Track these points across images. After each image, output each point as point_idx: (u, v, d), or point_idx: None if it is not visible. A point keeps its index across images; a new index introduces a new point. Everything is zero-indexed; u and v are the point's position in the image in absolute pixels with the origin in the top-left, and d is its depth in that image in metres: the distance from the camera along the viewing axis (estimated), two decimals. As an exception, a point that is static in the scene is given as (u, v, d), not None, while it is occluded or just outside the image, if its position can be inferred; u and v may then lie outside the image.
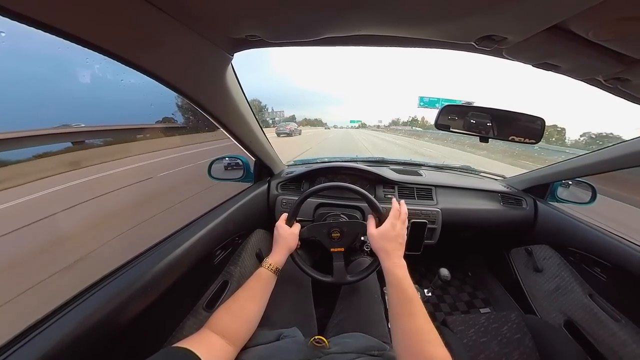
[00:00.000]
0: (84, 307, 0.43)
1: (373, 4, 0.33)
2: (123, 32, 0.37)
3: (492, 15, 0.33)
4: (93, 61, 0.58)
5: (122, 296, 0.47)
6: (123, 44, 0.39)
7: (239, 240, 0.93)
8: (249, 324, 0.52)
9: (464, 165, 1.48)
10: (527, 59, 0.45)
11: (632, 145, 0.75)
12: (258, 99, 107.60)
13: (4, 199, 3.15)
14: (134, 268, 0.53)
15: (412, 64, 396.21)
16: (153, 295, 0.52)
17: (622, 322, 0.79)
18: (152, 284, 0.52)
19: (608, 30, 0.32)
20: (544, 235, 1.12)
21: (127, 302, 0.47)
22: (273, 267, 0.61)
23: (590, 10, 0.29)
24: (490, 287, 1.41)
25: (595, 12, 0.29)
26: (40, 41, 8.25)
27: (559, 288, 1.01)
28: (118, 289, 0.47)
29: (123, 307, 0.46)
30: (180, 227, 0.71)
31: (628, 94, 0.51)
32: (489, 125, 0.73)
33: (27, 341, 0.36)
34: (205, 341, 0.43)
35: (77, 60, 1.34)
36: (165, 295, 0.55)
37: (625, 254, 0.78)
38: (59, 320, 0.40)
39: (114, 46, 0.38)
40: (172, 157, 6.81)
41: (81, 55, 0.50)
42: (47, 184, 3.83)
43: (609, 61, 0.39)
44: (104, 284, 0.48)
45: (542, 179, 1.15)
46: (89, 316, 0.42)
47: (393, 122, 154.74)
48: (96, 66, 0.90)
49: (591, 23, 0.32)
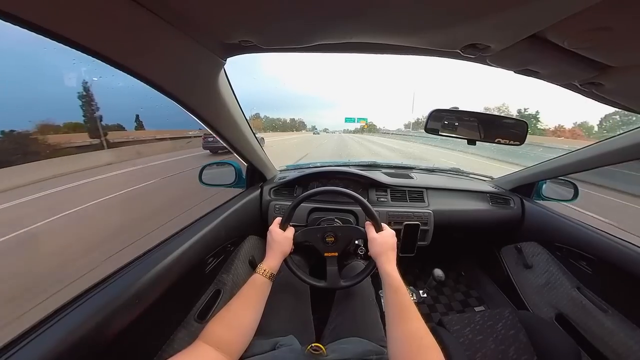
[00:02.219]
0: (65, 322, 0.40)
1: (364, 14, 0.34)
2: (114, 34, 0.37)
3: (476, 25, 0.35)
4: (81, 63, 0.57)
5: (108, 309, 0.44)
6: (114, 46, 0.38)
7: (231, 247, 0.92)
8: (245, 334, 0.51)
9: (453, 167, 1.52)
10: (509, 66, 0.47)
11: (608, 145, 0.80)
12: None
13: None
14: (120, 279, 0.50)
15: (403, 68, 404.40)
16: (141, 308, 0.50)
17: (608, 313, 0.82)
18: (140, 296, 0.50)
19: (582, 39, 0.35)
20: (532, 232, 1.16)
21: (113, 316, 0.45)
22: (268, 273, 0.60)
23: (565, 21, 0.31)
24: (483, 286, 1.44)
25: (570, 23, 0.31)
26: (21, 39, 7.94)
27: (549, 283, 1.05)
28: (103, 301, 0.45)
29: (108, 321, 0.44)
30: (170, 235, 0.69)
31: (601, 97, 0.55)
32: (475, 129, 0.76)
33: None
34: (199, 355, 0.42)
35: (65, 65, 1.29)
36: (154, 307, 0.52)
37: (607, 247, 0.82)
38: (38, 337, 0.37)
39: (104, 48, 0.37)
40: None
41: (69, 58, 0.48)
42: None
43: (583, 67, 0.42)
44: (87, 296, 0.45)
45: (527, 178, 1.19)
46: (71, 332, 0.39)
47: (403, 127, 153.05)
48: (83, 68, 0.88)
49: (566, 33, 0.34)
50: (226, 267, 0.89)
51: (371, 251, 0.64)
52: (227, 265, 0.89)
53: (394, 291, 0.52)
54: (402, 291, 0.52)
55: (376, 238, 0.63)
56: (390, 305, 0.51)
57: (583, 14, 0.29)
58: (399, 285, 0.53)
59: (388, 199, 1.15)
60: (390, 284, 0.54)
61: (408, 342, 0.44)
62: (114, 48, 0.38)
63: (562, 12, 0.29)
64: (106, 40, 0.36)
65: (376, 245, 0.63)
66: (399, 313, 0.49)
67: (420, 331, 0.45)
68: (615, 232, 0.84)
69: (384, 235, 0.64)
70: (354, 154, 12.45)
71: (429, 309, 1.36)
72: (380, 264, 0.60)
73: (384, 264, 0.59)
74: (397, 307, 0.50)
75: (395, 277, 0.55)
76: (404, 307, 0.49)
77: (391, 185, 1.17)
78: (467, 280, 1.54)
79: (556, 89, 0.56)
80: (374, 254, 0.63)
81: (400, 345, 0.45)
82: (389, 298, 0.53)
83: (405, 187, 1.18)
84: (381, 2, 0.32)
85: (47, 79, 43.67)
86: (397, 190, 1.17)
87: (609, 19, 0.30)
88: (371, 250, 0.64)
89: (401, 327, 0.47)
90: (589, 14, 0.29)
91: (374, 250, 0.63)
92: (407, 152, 14.59)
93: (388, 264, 0.58)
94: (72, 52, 0.36)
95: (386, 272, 0.57)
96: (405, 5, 0.32)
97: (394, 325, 0.48)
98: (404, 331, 0.46)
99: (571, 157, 0.95)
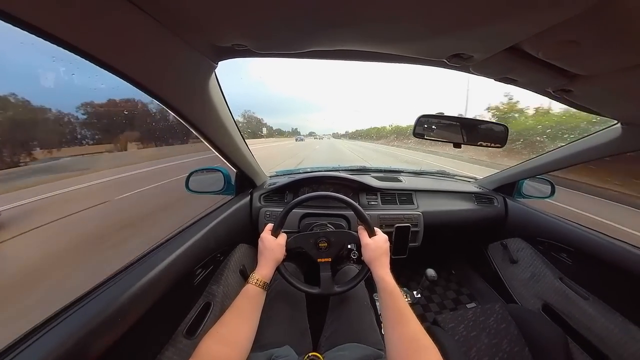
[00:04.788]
0: (42, 344, 0.37)
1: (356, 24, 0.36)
2: (102, 31, 0.35)
3: (460, 37, 0.37)
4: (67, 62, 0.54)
5: (85, 330, 0.41)
6: (101, 44, 0.36)
7: (221, 257, 0.88)
8: (242, 349, 0.49)
9: (439, 170, 1.58)
10: (491, 74, 0.51)
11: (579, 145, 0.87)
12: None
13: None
14: (100, 296, 0.47)
15: (394, 75, 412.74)
16: (124, 326, 0.46)
17: (589, 300, 0.87)
18: (122, 313, 0.46)
19: (553, 51, 0.38)
20: (515, 228, 1.22)
21: (91, 337, 0.41)
22: (261, 282, 0.58)
23: (539, 35, 0.34)
24: (473, 282, 1.49)
25: (543, 37, 0.34)
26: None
27: (534, 276, 1.10)
28: (82, 320, 0.41)
29: (87, 344, 0.40)
30: (155, 246, 0.65)
31: (572, 102, 0.60)
32: (460, 132, 0.79)
33: None
34: None
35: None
36: (138, 324, 0.49)
37: (584, 239, 0.88)
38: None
39: (90, 46, 0.35)
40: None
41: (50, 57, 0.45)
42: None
43: (555, 76, 0.46)
44: (65, 315, 0.41)
45: (508, 178, 1.26)
46: (49, 354, 0.36)
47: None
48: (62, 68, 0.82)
49: (540, 45, 0.37)
50: (216, 278, 0.85)
51: (365, 257, 0.65)
52: (217, 276, 0.86)
53: (389, 295, 0.53)
54: (396, 294, 0.53)
55: (369, 244, 0.64)
56: (386, 309, 0.52)
57: (554, 29, 0.32)
58: (393, 289, 0.54)
59: (379, 202, 1.16)
60: (385, 288, 0.55)
61: (406, 345, 0.44)
62: (100, 46, 0.36)
63: (535, 27, 0.32)
64: (93, 38, 0.35)
65: (369, 250, 0.63)
66: (395, 316, 0.49)
67: (417, 333, 0.45)
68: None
69: (377, 240, 0.65)
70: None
71: (423, 309, 1.38)
72: (374, 269, 0.60)
73: (378, 269, 0.59)
74: (393, 311, 0.50)
75: (389, 282, 0.56)
76: (400, 310, 0.50)
77: (381, 189, 1.19)
78: (458, 279, 1.58)
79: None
80: (367, 260, 0.64)
81: (398, 348, 0.45)
82: (384, 302, 0.53)
83: (394, 190, 1.20)
84: (372, 14, 0.33)
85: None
86: (387, 194, 1.19)
87: (575, 34, 0.33)
88: (365, 255, 0.64)
89: (398, 330, 0.47)
90: (558, 29, 0.32)
91: (367, 255, 0.63)
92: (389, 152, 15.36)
93: (382, 269, 0.59)
94: (55, 49, 0.34)
95: (380, 276, 0.57)
96: (396, 17, 0.33)
97: (391, 329, 0.48)
98: (401, 334, 0.46)
99: (547, 157, 1.02)
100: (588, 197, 4.90)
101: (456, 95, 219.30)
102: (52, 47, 0.33)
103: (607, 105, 0.61)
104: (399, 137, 31.13)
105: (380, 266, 0.60)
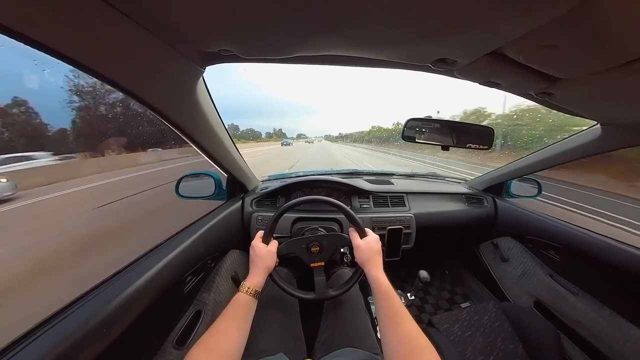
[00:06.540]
0: (23, 357, 0.35)
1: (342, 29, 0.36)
2: (86, 37, 0.34)
3: (444, 42, 0.38)
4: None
5: (70, 341, 0.39)
6: (85, 49, 0.35)
7: (212, 263, 0.86)
8: (230, 359, 0.47)
9: (430, 172, 1.60)
10: (474, 78, 0.52)
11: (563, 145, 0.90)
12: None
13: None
14: (84, 307, 0.44)
15: (386, 79, 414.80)
16: (110, 338, 0.44)
17: (578, 295, 0.89)
18: (108, 324, 0.44)
19: (533, 55, 0.39)
20: (505, 227, 1.25)
21: (76, 348, 0.39)
22: (252, 291, 0.57)
23: (519, 39, 0.35)
24: (467, 282, 1.51)
25: (523, 41, 0.35)
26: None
27: (525, 273, 1.12)
28: (65, 333, 0.39)
29: (71, 355, 0.38)
30: (143, 254, 0.63)
31: (554, 104, 0.62)
32: (448, 135, 0.80)
33: None
34: None
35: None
36: (126, 334, 0.47)
37: (571, 236, 0.91)
38: None
39: (74, 51, 0.34)
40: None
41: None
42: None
43: (536, 79, 0.47)
44: (46, 327, 0.39)
45: (497, 178, 1.29)
46: None
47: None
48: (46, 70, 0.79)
49: (520, 49, 0.38)
50: (207, 285, 0.83)
51: (357, 258, 0.64)
52: (208, 284, 0.83)
53: (383, 295, 0.53)
54: (391, 295, 0.52)
55: (361, 245, 0.64)
56: (381, 309, 0.51)
57: (533, 34, 0.33)
58: (387, 289, 0.54)
59: (371, 205, 1.17)
60: (379, 289, 0.54)
61: (402, 345, 0.44)
62: (85, 52, 0.36)
63: (515, 32, 0.33)
64: (77, 43, 0.34)
65: (362, 252, 0.63)
66: (390, 317, 0.49)
67: (413, 332, 0.45)
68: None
69: (369, 241, 0.65)
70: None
71: (417, 310, 1.38)
72: (367, 270, 0.60)
73: (371, 270, 0.59)
74: (388, 311, 0.50)
75: (384, 282, 0.55)
76: (395, 310, 0.49)
77: (373, 192, 1.19)
78: (451, 279, 1.60)
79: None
80: (360, 261, 0.63)
81: (394, 348, 0.45)
82: (379, 303, 0.53)
83: (386, 193, 1.21)
84: (358, 21, 0.33)
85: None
86: (379, 197, 1.20)
87: (554, 38, 0.34)
88: (357, 257, 0.64)
89: (394, 331, 0.46)
90: (537, 34, 0.33)
91: (360, 257, 0.63)
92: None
93: (375, 270, 0.59)
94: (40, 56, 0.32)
95: (374, 277, 0.57)
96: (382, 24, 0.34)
97: (387, 329, 0.48)
98: (397, 334, 0.46)
99: (532, 158, 1.05)
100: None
101: (456, 95, 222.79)
102: (32, 50, 0.32)
103: (587, 107, 0.63)
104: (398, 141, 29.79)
105: (373, 267, 0.59)
